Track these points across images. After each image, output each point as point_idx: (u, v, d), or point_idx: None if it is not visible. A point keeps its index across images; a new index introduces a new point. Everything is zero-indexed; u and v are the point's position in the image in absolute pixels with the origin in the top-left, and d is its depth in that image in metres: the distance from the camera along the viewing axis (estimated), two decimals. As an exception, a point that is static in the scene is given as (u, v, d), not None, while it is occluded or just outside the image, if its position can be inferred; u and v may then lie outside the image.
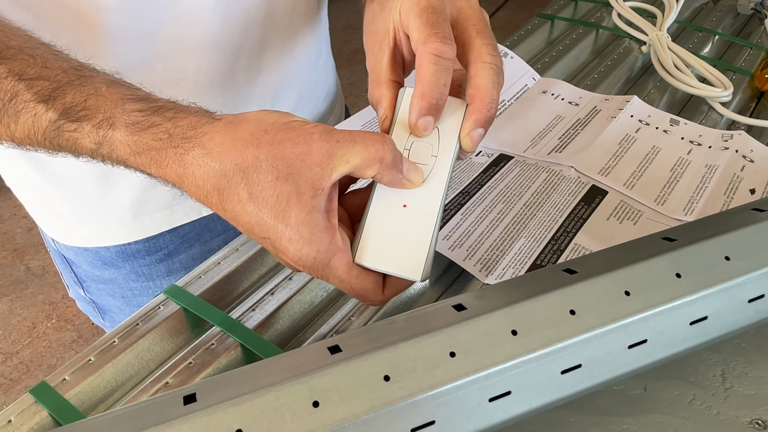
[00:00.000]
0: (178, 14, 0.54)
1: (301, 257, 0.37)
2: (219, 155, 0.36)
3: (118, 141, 0.38)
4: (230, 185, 0.36)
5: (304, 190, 0.36)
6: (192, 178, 0.37)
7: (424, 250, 0.38)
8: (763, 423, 0.37)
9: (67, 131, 0.39)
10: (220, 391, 0.28)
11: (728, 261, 0.35)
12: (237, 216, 0.37)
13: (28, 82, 0.39)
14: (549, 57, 0.79)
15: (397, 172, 0.38)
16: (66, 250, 0.71)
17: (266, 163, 0.36)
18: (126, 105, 0.38)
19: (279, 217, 0.36)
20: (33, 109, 0.39)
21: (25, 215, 2.19)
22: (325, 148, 0.36)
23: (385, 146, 0.36)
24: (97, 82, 0.40)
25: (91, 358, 0.47)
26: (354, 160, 0.36)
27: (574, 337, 0.32)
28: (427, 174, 0.40)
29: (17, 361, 1.79)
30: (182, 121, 0.38)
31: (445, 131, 0.40)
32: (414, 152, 0.40)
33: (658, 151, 0.62)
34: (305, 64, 0.69)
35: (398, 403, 0.29)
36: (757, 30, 0.86)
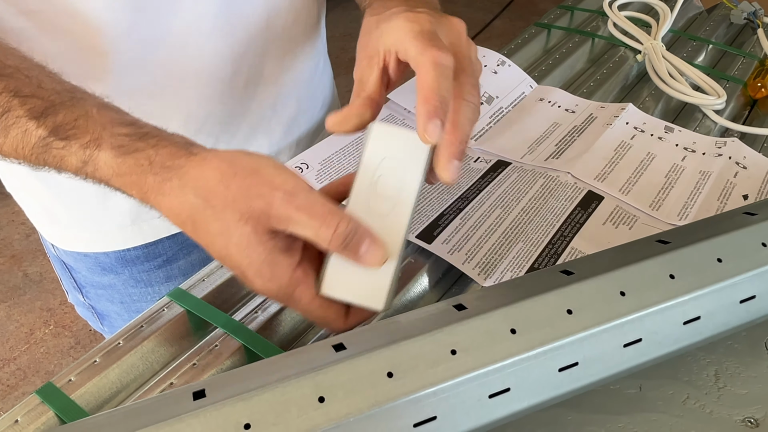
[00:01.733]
0: (180, 23, 0.55)
1: (265, 290, 0.40)
2: (194, 189, 0.38)
3: (102, 162, 0.40)
4: (203, 218, 0.38)
5: (262, 233, 0.38)
6: (169, 206, 0.39)
7: (386, 281, 0.39)
8: (755, 421, 0.38)
9: (55, 148, 0.41)
10: (228, 386, 0.29)
11: (720, 263, 0.36)
12: (209, 246, 0.40)
13: (22, 99, 0.41)
14: (546, 65, 0.80)
15: (350, 252, 0.38)
16: (65, 256, 0.71)
17: (232, 205, 0.37)
18: (114, 128, 0.40)
19: (243, 254, 0.38)
20: (24, 125, 0.41)
21: (23, 221, 2.19)
22: (284, 211, 0.37)
23: (335, 232, 0.37)
24: (88, 105, 0.42)
25: (97, 360, 0.48)
26: (307, 233, 0.37)
27: (571, 336, 0.33)
28: (391, 207, 0.41)
29: (15, 367, 1.79)
30: (163, 149, 0.40)
31: (409, 164, 0.42)
32: (380, 185, 0.41)
33: (653, 158, 0.63)
34: (304, 75, 0.70)
35: (401, 399, 0.30)
36: (749, 39, 0.88)
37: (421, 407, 0.30)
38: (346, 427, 0.29)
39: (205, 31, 0.56)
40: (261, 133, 0.68)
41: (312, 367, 0.30)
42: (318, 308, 0.40)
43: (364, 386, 0.29)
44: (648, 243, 0.38)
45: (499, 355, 0.31)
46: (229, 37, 0.58)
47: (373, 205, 0.41)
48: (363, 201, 0.41)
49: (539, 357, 0.32)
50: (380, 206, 0.41)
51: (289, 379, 0.29)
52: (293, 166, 0.61)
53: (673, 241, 0.37)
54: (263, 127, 0.68)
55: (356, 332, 0.34)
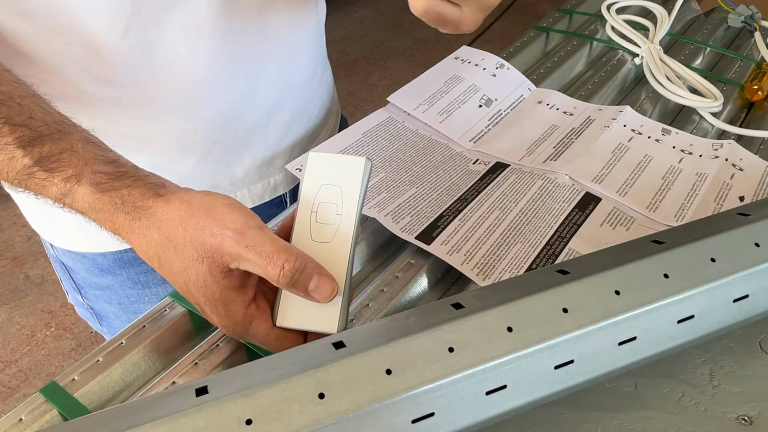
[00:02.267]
0: (178, 26, 0.55)
1: (223, 326, 0.43)
2: (158, 229, 0.41)
3: (80, 196, 0.43)
4: (166, 256, 0.42)
5: (216, 272, 0.40)
6: (138, 243, 0.43)
7: (337, 304, 0.41)
8: (749, 419, 0.39)
9: (38, 178, 0.43)
10: (230, 383, 0.30)
11: (714, 263, 0.37)
12: (173, 282, 0.43)
13: (12, 127, 0.43)
14: (544, 68, 0.81)
15: (297, 289, 0.40)
16: (64, 257, 0.72)
17: (190, 244, 0.40)
18: (95, 165, 0.44)
19: (200, 291, 0.41)
20: (12, 152, 0.43)
21: (24, 224, 2.20)
22: (234, 249, 0.39)
23: (281, 272, 0.39)
24: (74, 139, 0.44)
25: (100, 359, 0.48)
26: (257, 270, 0.39)
27: (567, 334, 0.33)
28: (334, 233, 0.43)
29: (16, 369, 1.80)
30: (136, 190, 0.43)
31: (346, 189, 0.43)
32: (321, 213, 0.43)
33: (650, 160, 0.64)
34: (301, 81, 0.70)
35: (399, 396, 0.30)
36: (747, 43, 0.88)
37: (420, 404, 0.31)
38: (346, 422, 0.29)
39: (203, 35, 0.57)
40: (258, 138, 0.68)
41: (312, 364, 0.30)
42: (275, 339, 0.42)
43: (363, 383, 0.30)
44: (643, 243, 0.39)
45: (495, 353, 0.32)
46: (226, 42, 0.59)
47: (315, 235, 0.43)
48: (305, 232, 0.43)
49: (535, 355, 0.33)
50: (322, 235, 0.43)
51: (290, 375, 0.30)
52: (293, 168, 0.61)
53: (667, 241, 0.38)
54: (260, 132, 0.68)
55: (355, 330, 0.34)
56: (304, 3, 0.65)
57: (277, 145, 0.71)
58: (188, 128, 0.62)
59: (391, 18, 3.17)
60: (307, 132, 0.74)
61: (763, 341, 0.43)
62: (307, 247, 0.42)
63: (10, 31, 0.51)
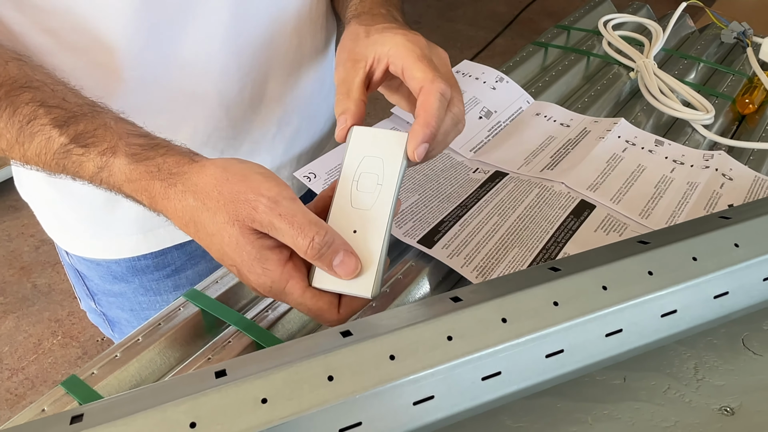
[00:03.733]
0: (191, 42, 0.58)
1: (259, 285, 0.43)
2: (194, 193, 0.42)
3: (117, 168, 0.44)
4: (200, 220, 0.42)
5: (247, 233, 0.41)
6: (174, 210, 0.43)
7: (373, 269, 0.43)
8: (731, 410, 0.41)
9: (75, 155, 0.45)
10: (247, 366, 0.32)
11: (695, 261, 0.39)
12: (208, 247, 0.44)
13: (47, 109, 0.45)
14: (542, 82, 0.84)
15: (323, 263, 0.41)
16: (79, 264, 0.74)
17: (223, 207, 0.41)
18: (129, 138, 0.45)
19: (235, 252, 0.42)
20: (48, 133, 0.45)
21: (32, 234, 2.23)
22: (267, 217, 0.40)
23: (311, 243, 0.40)
24: (107, 117, 0.46)
25: (117, 354, 0.51)
26: (286, 240, 0.41)
27: (557, 325, 0.36)
28: (374, 201, 0.45)
29: (23, 377, 1.82)
30: (170, 158, 0.44)
31: (388, 161, 0.45)
32: (361, 182, 0.45)
33: (643, 169, 0.67)
34: (307, 95, 0.73)
35: (402, 379, 0.33)
36: (739, 58, 0.91)
37: (420, 387, 0.33)
38: (353, 403, 0.32)
39: (213, 50, 0.60)
40: (264, 149, 0.71)
41: (322, 350, 0.33)
42: (310, 300, 0.43)
43: (368, 367, 0.33)
44: (629, 243, 0.41)
45: (491, 342, 0.34)
46: (235, 57, 0.61)
47: (355, 202, 0.45)
48: (345, 199, 0.45)
49: (528, 344, 0.35)
50: (362, 202, 0.44)
51: (301, 360, 0.32)
52: (302, 176, 0.64)
53: (652, 242, 0.40)
54: (266, 144, 0.71)
55: (361, 321, 0.37)
56: (313, 21, 0.68)
57: (283, 156, 0.74)
58: (197, 139, 0.65)
59: (395, 33, 3.21)
60: (313, 143, 0.77)
61: (746, 338, 0.46)
62: (347, 212, 0.44)
63: (36, 46, 0.54)
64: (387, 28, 0.51)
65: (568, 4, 3.39)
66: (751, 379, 0.43)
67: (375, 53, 0.50)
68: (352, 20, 0.56)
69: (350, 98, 0.49)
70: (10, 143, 0.46)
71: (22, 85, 0.46)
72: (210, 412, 0.30)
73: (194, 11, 0.57)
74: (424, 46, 0.49)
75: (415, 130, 0.45)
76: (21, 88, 0.46)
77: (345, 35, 0.54)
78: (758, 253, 0.41)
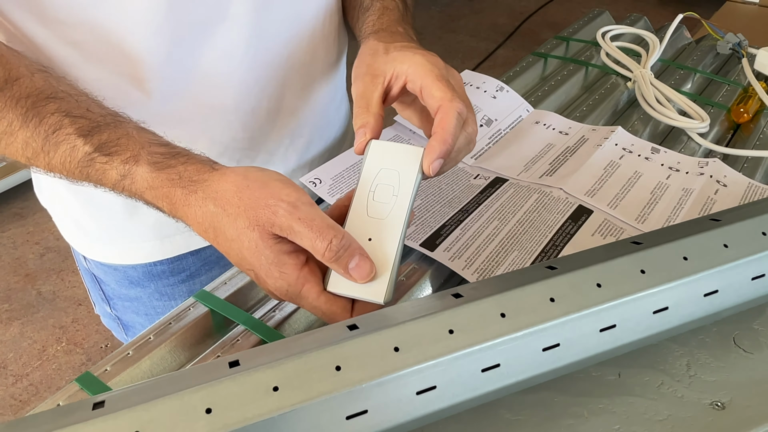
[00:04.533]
0: (211, 60, 0.60)
1: (276, 288, 0.44)
2: (214, 200, 0.44)
3: (139, 176, 0.46)
4: (220, 225, 0.44)
5: (266, 238, 0.43)
6: (194, 216, 0.45)
7: (386, 276, 0.44)
8: (721, 404, 0.43)
9: (99, 163, 0.47)
10: (259, 357, 0.34)
11: (686, 261, 0.41)
12: (227, 251, 0.45)
13: (72, 119, 0.47)
14: (542, 91, 0.86)
15: (339, 265, 0.43)
16: (96, 269, 0.76)
17: (244, 213, 0.43)
18: (151, 147, 0.47)
19: (254, 256, 0.43)
20: (73, 142, 0.47)
21: (37, 241, 2.25)
22: (286, 221, 0.42)
23: (329, 246, 0.42)
24: (129, 127, 0.48)
25: (130, 352, 0.53)
26: (305, 243, 0.42)
27: (553, 320, 0.38)
28: (389, 211, 0.47)
29: (27, 383, 1.83)
30: (191, 166, 0.46)
31: (404, 174, 0.48)
32: (378, 193, 0.47)
33: (640, 176, 0.69)
34: (320, 107, 0.75)
35: (405, 370, 0.35)
36: (734, 68, 0.93)
37: (423, 378, 0.35)
38: (359, 392, 0.34)
39: (234, 64, 0.62)
40: (278, 159, 0.73)
41: (330, 342, 0.35)
42: (324, 303, 0.44)
43: (374, 358, 0.35)
44: (623, 244, 0.43)
45: (490, 335, 0.36)
46: (254, 71, 0.63)
47: (371, 211, 0.47)
48: (362, 209, 0.47)
49: (525, 338, 0.37)
50: (378, 212, 0.47)
51: (310, 351, 0.34)
52: (307, 182, 0.66)
53: (644, 242, 0.42)
54: (280, 154, 0.73)
55: (367, 315, 0.39)
56: (326, 36, 0.70)
57: (296, 165, 0.76)
58: (214, 150, 0.66)
59: (397, 44, 3.25)
60: (324, 152, 0.79)
61: (737, 337, 0.47)
62: (363, 221, 0.46)
63: (60, 59, 0.56)
64: (406, 47, 0.54)
65: (568, 16, 3.42)
66: (742, 376, 0.44)
67: (394, 70, 0.52)
68: (371, 36, 0.58)
69: (370, 112, 0.51)
70: (36, 152, 0.48)
71: (48, 96, 0.48)
72: (224, 398, 0.32)
73: (216, 26, 0.59)
74: (442, 67, 0.52)
75: (432, 146, 0.48)
76: (47, 98, 0.48)
77: (363, 50, 0.57)
78: (746, 253, 0.42)
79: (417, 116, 0.58)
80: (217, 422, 0.31)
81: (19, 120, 0.47)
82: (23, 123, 0.47)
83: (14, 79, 0.48)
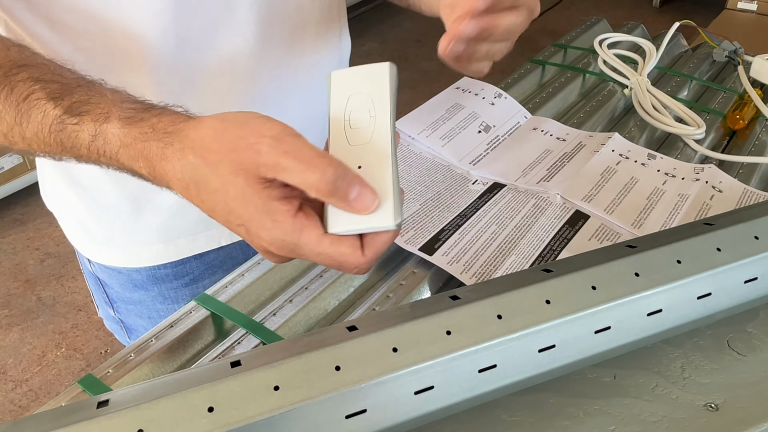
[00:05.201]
0: (218, 59, 0.61)
1: (272, 242, 0.39)
2: (192, 150, 0.39)
3: (111, 133, 0.42)
4: (202, 177, 0.39)
5: (253, 183, 0.38)
6: (173, 171, 0.41)
7: (389, 198, 0.39)
8: (715, 406, 0.43)
9: (70, 124, 0.43)
10: (260, 357, 0.35)
11: (680, 264, 0.42)
12: (213, 208, 0.40)
13: (42, 84, 0.45)
14: (540, 98, 0.87)
15: (338, 201, 0.38)
16: (100, 272, 0.77)
17: (225, 158, 0.38)
18: (123, 104, 0.43)
19: (241, 206, 0.39)
20: (43, 107, 0.44)
21: (37, 247, 2.25)
22: (271, 158, 0.37)
23: (323, 177, 0.37)
24: (103, 88, 0.45)
25: (131, 355, 0.53)
26: (295, 179, 0.37)
27: (549, 322, 0.38)
28: (371, 133, 0.42)
29: (26, 388, 1.83)
30: (165, 118, 0.42)
31: (376, 92, 0.44)
32: (354, 119, 0.43)
33: (636, 182, 0.69)
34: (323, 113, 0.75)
35: (404, 370, 0.35)
36: (730, 76, 0.94)
37: (421, 378, 0.36)
38: (358, 391, 0.34)
39: (238, 67, 0.62)
40: None
41: (330, 342, 0.36)
42: (329, 246, 0.39)
43: (373, 358, 0.35)
44: (618, 247, 0.44)
45: (487, 336, 0.37)
46: (257, 75, 0.64)
47: (351, 139, 0.42)
48: (341, 139, 0.43)
49: (521, 339, 0.38)
50: (359, 137, 0.42)
51: (310, 351, 0.35)
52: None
53: (639, 246, 0.43)
54: None
55: (366, 317, 0.40)
56: (328, 41, 0.71)
57: None
58: None
59: (397, 51, 3.27)
60: None
61: (731, 340, 0.48)
62: (346, 151, 0.41)
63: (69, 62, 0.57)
64: None
65: (566, 23, 3.44)
66: (735, 378, 0.45)
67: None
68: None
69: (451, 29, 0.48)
70: (10, 125, 0.45)
71: (19, 65, 0.45)
72: (226, 397, 0.33)
73: (221, 29, 0.59)
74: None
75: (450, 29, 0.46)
76: (18, 67, 0.45)
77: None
78: (739, 257, 0.43)
79: None
80: (219, 421, 0.32)
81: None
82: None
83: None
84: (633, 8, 3.61)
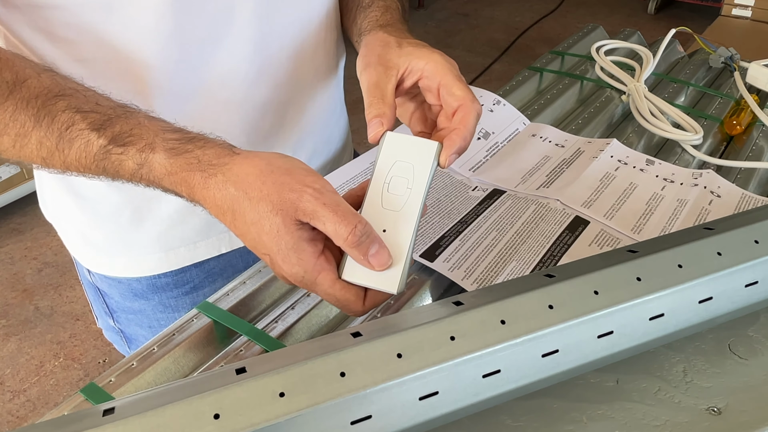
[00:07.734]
0: (216, 75, 0.61)
1: (292, 274, 0.45)
2: (235, 183, 0.45)
3: (156, 163, 0.47)
4: (240, 208, 0.45)
5: (289, 224, 0.43)
6: (213, 199, 0.46)
7: (399, 267, 0.45)
8: (717, 410, 0.44)
9: (115, 154, 0.47)
10: (265, 364, 0.35)
11: (681, 268, 0.42)
12: (244, 234, 0.46)
13: (83, 114, 0.48)
14: (538, 105, 0.88)
15: (359, 254, 0.44)
16: (100, 282, 0.76)
17: (267, 197, 0.44)
18: (165, 134, 0.47)
19: (273, 240, 0.44)
20: (87, 137, 0.47)
21: (35, 257, 2.25)
22: (311, 206, 0.43)
23: (353, 231, 0.43)
24: (140, 117, 0.49)
25: (134, 363, 0.53)
26: (328, 228, 0.43)
27: (552, 327, 0.38)
28: (403, 203, 0.48)
29: (24, 399, 1.82)
30: (209, 150, 0.46)
31: (418, 167, 0.48)
32: (392, 185, 0.48)
33: (635, 187, 0.70)
34: (322, 120, 0.76)
35: (408, 376, 0.36)
36: (727, 81, 0.95)
37: (425, 383, 0.36)
38: (363, 397, 0.34)
39: (238, 78, 0.63)
40: None
41: (334, 348, 0.36)
42: (339, 291, 0.45)
43: (378, 364, 0.35)
44: (619, 252, 0.44)
45: (491, 342, 0.37)
46: (257, 84, 0.64)
47: (385, 203, 0.47)
48: (377, 200, 0.48)
49: (525, 344, 0.38)
50: (392, 204, 0.47)
51: (315, 357, 0.35)
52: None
53: (640, 251, 0.43)
54: None
55: (370, 322, 0.40)
56: (327, 52, 0.71)
57: None
58: None
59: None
60: (324, 167, 0.80)
61: (732, 344, 0.48)
62: (377, 212, 0.47)
63: (68, 74, 0.57)
64: (421, 45, 0.55)
65: (563, 31, 3.46)
66: (737, 382, 0.45)
67: (409, 64, 0.53)
68: (378, 29, 0.59)
69: (385, 103, 0.51)
70: (51, 151, 0.48)
71: (56, 94, 0.48)
72: (232, 404, 0.33)
73: (220, 41, 0.60)
74: (457, 69, 0.53)
75: (453, 140, 0.49)
76: (56, 97, 0.48)
77: (371, 40, 0.57)
78: (739, 261, 0.43)
79: (409, 113, 0.58)
80: (225, 427, 0.32)
81: (31, 120, 0.47)
82: (36, 123, 0.47)
83: (22, 81, 0.48)
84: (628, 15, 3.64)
